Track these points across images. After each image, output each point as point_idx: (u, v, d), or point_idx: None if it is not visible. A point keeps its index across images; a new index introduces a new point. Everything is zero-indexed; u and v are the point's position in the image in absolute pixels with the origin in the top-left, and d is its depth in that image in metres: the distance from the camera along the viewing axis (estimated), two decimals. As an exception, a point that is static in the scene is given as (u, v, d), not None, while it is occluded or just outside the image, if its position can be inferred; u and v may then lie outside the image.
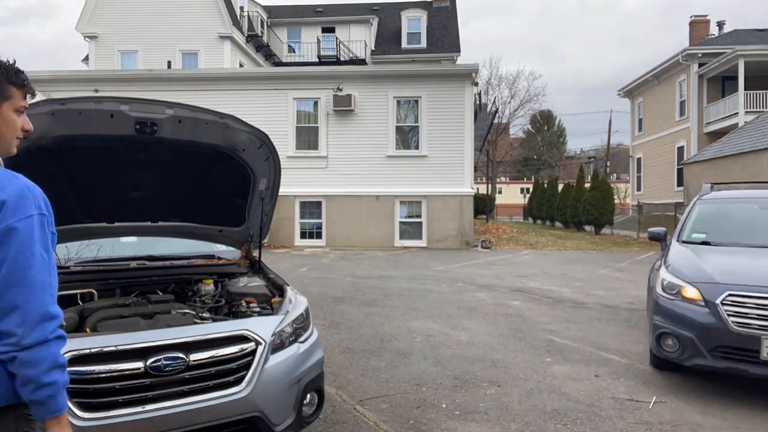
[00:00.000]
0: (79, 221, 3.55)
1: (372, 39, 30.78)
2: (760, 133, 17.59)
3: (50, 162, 3.09)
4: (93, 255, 3.93)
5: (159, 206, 3.74)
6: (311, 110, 17.61)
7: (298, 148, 17.40)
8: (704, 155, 20.22)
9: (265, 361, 2.90)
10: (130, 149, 3.23)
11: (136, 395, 2.55)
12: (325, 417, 3.94)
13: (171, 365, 2.62)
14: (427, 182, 16.97)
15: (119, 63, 25.45)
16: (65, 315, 3.00)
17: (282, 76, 18.28)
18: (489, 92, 43.10)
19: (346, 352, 5.50)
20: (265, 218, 3.91)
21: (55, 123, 2.88)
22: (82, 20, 25.48)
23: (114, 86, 17.03)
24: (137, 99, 3.03)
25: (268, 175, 3.70)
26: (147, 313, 3.09)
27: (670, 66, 26.90)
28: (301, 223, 17.53)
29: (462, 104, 16.98)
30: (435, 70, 18.53)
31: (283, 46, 30.77)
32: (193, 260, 4.14)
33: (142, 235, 4.09)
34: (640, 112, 31.52)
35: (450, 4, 32.71)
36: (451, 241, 16.91)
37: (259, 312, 3.40)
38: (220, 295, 3.75)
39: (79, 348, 2.50)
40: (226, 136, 3.36)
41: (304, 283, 9.88)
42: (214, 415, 2.70)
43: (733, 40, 25.32)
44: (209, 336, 2.80)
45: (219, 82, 17.57)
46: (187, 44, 25.41)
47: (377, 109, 17.18)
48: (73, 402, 2.42)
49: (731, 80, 23.86)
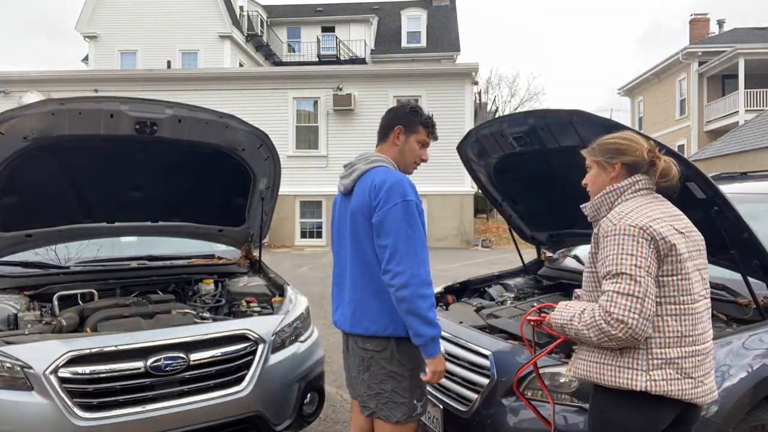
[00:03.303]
0: (79, 221, 3.55)
1: (372, 38, 30.75)
2: (760, 131, 17.58)
3: (50, 162, 3.09)
4: (93, 255, 3.93)
5: (159, 206, 3.74)
6: (311, 110, 17.61)
7: (298, 147, 17.40)
8: (704, 154, 20.21)
9: (265, 361, 2.90)
10: (130, 149, 3.23)
11: (137, 395, 2.56)
12: (325, 416, 3.95)
13: (171, 365, 2.62)
14: (427, 181, 16.90)
15: (119, 63, 25.43)
16: (65, 315, 3.01)
17: (282, 75, 18.27)
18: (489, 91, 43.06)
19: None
20: (265, 218, 3.91)
21: (55, 123, 2.88)
22: (81, 20, 25.45)
23: (114, 86, 17.03)
24: (137, 99, 3.03)
25: (268, 174, 3.70)
26: (147, 313, 3.09)
27: (670, 65, 26.89)
28: (301, 223, 17.53)
29: (462, 103, 16.98)
30: (435, 70, 18.52)
31: (282, 46, 30.76)
32: (193, 260, 4.14)
33: (142, 235, 4.09)
34: (640, 110, 31.52)
35: (450, 3, 32.67)
36: (451, 240, 16.91)
37: (259, 312, 3.40)
38: (221, 295, 3.75)
39: (79, 348, 2.50)
40: (225, 135, 3.36)
41: (304, 282, 9.88)
42: (214, 415, 2.70)
43: (733, 38, 25.28)
44: (209, 336, 2.80)
45: (219, 81, 17.56)
46: (187, 44, 25.38)
47: (377, 109, 17.11)
48: (74, 402, 2.43)
49: (731, 79, 23.84)
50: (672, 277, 1.82)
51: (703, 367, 1.85)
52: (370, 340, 2.21)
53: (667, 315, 1.82)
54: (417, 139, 2.39)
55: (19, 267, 3.55)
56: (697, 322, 1.84)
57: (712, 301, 2.73)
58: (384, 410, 2.20)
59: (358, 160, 2.34)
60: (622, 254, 1.80)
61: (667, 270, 1.82)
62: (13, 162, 2.96)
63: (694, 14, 28.74)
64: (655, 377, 1.80)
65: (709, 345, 1.88)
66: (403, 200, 2.15)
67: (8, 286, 3.30)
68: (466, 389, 2.66)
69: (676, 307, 1.82)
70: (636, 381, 1.82)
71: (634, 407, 1.84)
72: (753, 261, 2.51)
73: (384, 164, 2.30)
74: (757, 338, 2.38)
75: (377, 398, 2.20)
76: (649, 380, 1.80)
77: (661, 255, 1.81)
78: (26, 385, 2.41)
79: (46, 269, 3.57)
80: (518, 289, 3.81)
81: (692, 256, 1.87)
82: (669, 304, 1.82)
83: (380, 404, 2.20)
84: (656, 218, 1.85)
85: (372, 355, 2.21)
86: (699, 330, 1.85)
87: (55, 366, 2.43)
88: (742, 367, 2.26)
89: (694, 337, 1.83)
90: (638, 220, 1.83)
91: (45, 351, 2.48)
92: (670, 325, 1.82)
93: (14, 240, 3.36)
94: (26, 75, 17.96)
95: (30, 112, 2.82)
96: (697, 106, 25.37)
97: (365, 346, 2.23)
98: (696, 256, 1.90)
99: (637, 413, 1.84)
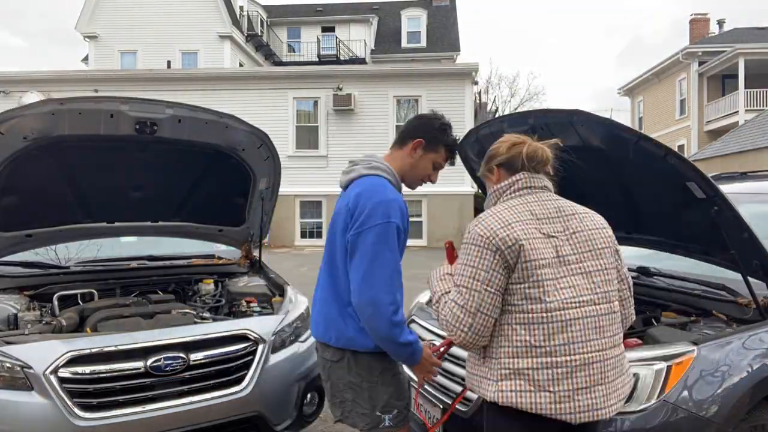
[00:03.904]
0: (79, 221, 3.56)
1: (372, 38, 30.75)
2: (760, 131, 17.58)
3: (50, 162, 3.09)
4: (93, 255, 3.93)
5: (159, 206, 3.74)
6: (311, 110, 17.62)
7: (298, 147, 17.40)
8: (704, 154, 20.21)
9: (265, 361, 2.90)
10: (130, 149, 3.23)
11: (137, 395, 2.56)
12: (325, 416, 3.94)
13: (171, 365, 2.62)
14: (428, 181, 16.96)
15: (119, 63, 25.42)
16: (65, 315, 3.01)
17: (282, 75, 18.28)
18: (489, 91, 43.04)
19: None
20: (265, 218, 3.91)
21: (55, 123, 2.88)
22: (81, 20, 25.45)
23: (114, 86, 17.03)
24: (137, 99, 3.03)
25: (268, 174, 3.70)
26: (147, 313, 3.09)
27: (670, 65, 26.89)
28: (301, 223, 17.54)
29: (462, 103, 16.98)
30: (435, 70, 18.53)
31: (282, 46, 30.76)
32: (193, 260, 4.14)
33: (142, 235, 4.09)
34: (640, 110, 31.52)
35: (450, 3, 32.67)
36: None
37: (259, 311, 3.41)
38: (221, 295, 3.75)
39: (79, 348, 2.50)
40: (225, 135, 3.36)
41: (304, 282, 9.86)
42: (214, 415, 2.70)
43: (733, 38, 25.28)
44: (209, 336, 2.80)
45: (219, 81, 17.57)
46: (187, 44, 25.38)
47: (377, 109, 17.18)
48: (74, 402, 2.43)
49: (731, 78, 23.85)
50: (520, 285, 1.74)
51: (570, 382, 1.70)
52: (328, 348, 2.15)
53: (516, 324, 1.74)
54: (434, 159, 2.21)
55: (19, 267, 3.55)
56: (555, 332, 1.71)
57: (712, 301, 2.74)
58: (349, 418, 2.16)
59: (361, 162, 2.20)
60: (465, 265, 1.78)
61: (516, 277, 1.74)
62: (13, 162, 2.96)
63: (694, 14, 28.75)
64: (503, 388, 1.73)
65: (580, 358, 1.71)
66: (385, 221, 1.97)
67: (8, 286, 3.30)
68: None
69: (523, 315, 1.73)
70: (487, 391, 1.77)
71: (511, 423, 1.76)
72: (753, 261, 2.50)
73: (384, 175, 2.13)
74: (757, 338, 2.38)
75: (342, 406, 2.16)
76: (497, 391, 1.74)
77: (510, 263, 1.74)
78: (26, 385, 2.41)
79: (46, 269, 3.57)
80: None
81: (557, 264, 1.76)
82: (518, 312, 1.74)
83: (345, 411, 2.16)
84: (513, 222, 1.77)
85: (330, 365, 2.15)
86: (558, 341, 1.71)
87: (55, 366, 2.43)
88: (742, 367, 2.26)
89: (548, 348, 1.70)
90: (489, 227, 1.77)
91: (45, 351, 2.48)
92: (519, 334, 1.73)
93: (14, 240, 3.36)
94: (26, 75, 17.98)
95: (30, 112, 2.82)
96: (697, 106, 25.38)
97: (324, 354, 2.18)
98: (575, 260, 1.79)
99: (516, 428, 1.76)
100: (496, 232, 1.75)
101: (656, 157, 2.41)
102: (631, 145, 2.46)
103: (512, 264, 1.74)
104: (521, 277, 1.74)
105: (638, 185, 2.61)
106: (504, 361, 1.75)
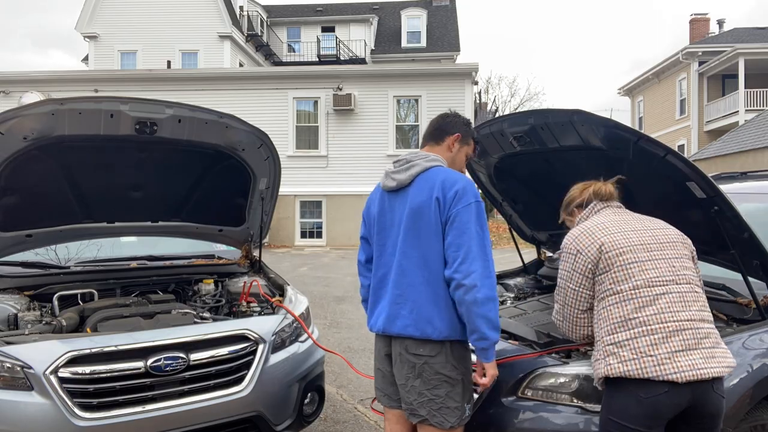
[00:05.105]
0: (79, 221, 3.55)
1: (372, 38, 30.74)
2: (760, 131, 17.57)
3: (50, 162, 3.09)
4: (93, 255, 3.94)
5: (159, 206, 3.74)
6: (311, 110, 17.60)
7: (298, 147, 17.39)
8: (704, 154, 20.20)
9: (265, 361, 2.90)
10: (130, 149, 3.23)
11: (137, 395, 2.55)
12: (325, 416, 3.95)
13: (171, 365, 2.62)
14: (428, 181, 16.94)
15: (119, 63, 25.42)
16: (65, 315, 3.01)
17: (282, 75, 18.26)
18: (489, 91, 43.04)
19: (346, 352, 5.50)
20: (265, 218, 3.91)
21: (55, 123, 2.88)
22: (81, 20, 25.45)
23: (114, 86, 17.01)
24: (137, 99, 3.03)
25: (268, 174, 3.70)
26: (147, 313, 3.09)
27: (670, 64, 26.88)
28: (301, 223, 17.53)
29: (462, 103, 16.95)
30: (435, 69, 18.51)
31: (282, 46, 30.75)
32: (193, 260, 4.14)
33: (142, 235, 4.09)
34: (640, 110, 31.51)
35: (450, 3, 32.66)
36: (452, 240, 16.88)
37: (259, 311, 3.40)
38: (221, 295, 3.75)
39: (79, 348, 2.50)
40: (225, 135, 3.35)
41: (304, 282, 9.88)
42: (214, 415, 2.70)
43: (733, 38, 25.28)
44: (210, 336, 2.80)
45: (219, 81, 17.55)
46: (187, 44, 25.38)
47: (377, 109, 17.17)
48: (74, 402, 2.43)
49: (731, 78, 23.84)
50: (607, 272, 2.09)
51: (668, 345, 1.93)
52: (424, 344, 2.13)
53: (609, 305, 2.06)
54: (467, 151, 2.46)
55: (19, 267, 3.54)
56: (645, 305, 2.00)
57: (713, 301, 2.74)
58: (437, 416, 2.11)
59: (416, 157, 2.27)
60: (561, 269, 2.25)
61: (602, 267, 2.10)
62: (13, 162, 2.95)
63: (693, 14, 28.74)
64: (610, 361, 1.98)
65: (672, 324, 1.96)
66: (476, 201, 2.15)
67: (8, 286, 3.30)
68: None
69: (614, 296, 2.06)
70: (598, 370, 2.03)
71: (627, 395, 1.95)
72: (753, 261, 2.50)
73: (444, 165, 2.29)
74: (757, 338, 2.38)
75: (429, 405, 2.11)
76: (606, 366, 1.99)
77: (593, 259, 2.12)
78: (26, 385, 2.41)
79: (46, 269, 3.57)
80: (518, 289, 3.81)
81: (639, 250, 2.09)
82: (609, 295, 2.07)
83: (432, 410, 2.11)
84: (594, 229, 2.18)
85: (425, 360, 2.12)
86: (649, 311, 1.99)
87: (55, 366, 2.42)
88: (742, 367, 2.26)
89: (642, 318, 1.98)
90: (572, 235, 2.22)
91: (45, 351, 2.48)
92: (613, 313, 2.04)
93: (14, 240, 3.36)
94: (26, 75, 17.96)
95: (30, 112, 2.82)
96: (697, 105, 25.37)
97: (417, 351, 2.14)
98: (656, 248, 2.11)
99: (632, 399, 1.93)
100: (577, 238, 2.19)
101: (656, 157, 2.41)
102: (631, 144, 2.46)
103: (594, 260, 2.11)
104: (607, 266, 2.09)
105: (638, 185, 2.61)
106: (606, 339, 2.03)
